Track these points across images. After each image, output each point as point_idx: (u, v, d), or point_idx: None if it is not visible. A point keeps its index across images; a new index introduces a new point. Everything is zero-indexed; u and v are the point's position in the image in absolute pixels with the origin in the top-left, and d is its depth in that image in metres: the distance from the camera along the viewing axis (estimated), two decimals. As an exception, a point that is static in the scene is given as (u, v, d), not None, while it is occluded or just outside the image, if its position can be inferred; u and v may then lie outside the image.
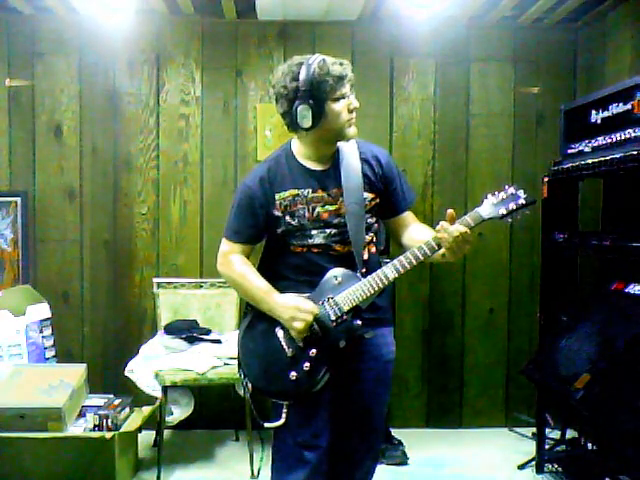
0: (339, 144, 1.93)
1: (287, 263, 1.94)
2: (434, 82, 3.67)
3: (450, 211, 1.77)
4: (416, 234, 1.94)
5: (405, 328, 3.63)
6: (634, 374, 2.37)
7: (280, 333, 1.89)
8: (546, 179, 3.09)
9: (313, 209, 1.89)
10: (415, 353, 3.69)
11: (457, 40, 3.65)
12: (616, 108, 2.66)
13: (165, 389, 3.00)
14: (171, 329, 3.27)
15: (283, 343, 1.88)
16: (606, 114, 2.73)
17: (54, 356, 3.31)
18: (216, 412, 3.61)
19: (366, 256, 1.93)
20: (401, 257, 1.82)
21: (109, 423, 2.79)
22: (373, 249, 1.98)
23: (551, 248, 3.09)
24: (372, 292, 1.84)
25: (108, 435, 2.69)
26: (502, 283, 3.70)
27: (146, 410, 3.05)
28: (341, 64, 1.82)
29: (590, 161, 2.75)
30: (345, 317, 1.85)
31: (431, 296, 3.70)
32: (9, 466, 2.66)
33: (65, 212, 3.61)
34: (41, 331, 3.25)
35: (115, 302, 3.65)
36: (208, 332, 3.30)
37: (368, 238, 1.95)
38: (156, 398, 3.04)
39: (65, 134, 3.59)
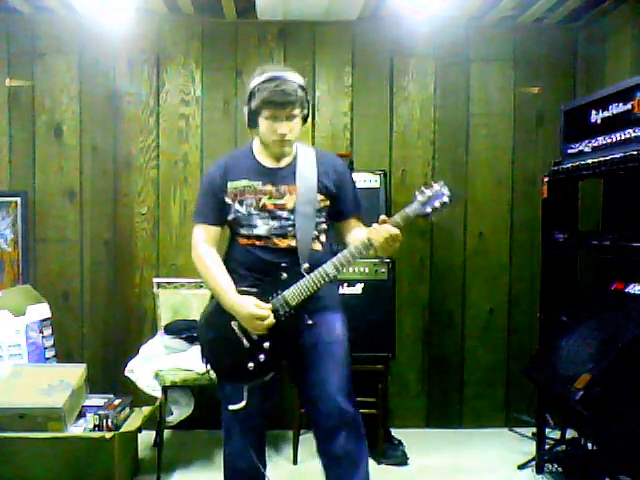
0: (298, 150, 2.14)
1: (235, 257, 2.12)
2: (434, 82, 3.67)
3: (382, 217, 1.95)
4: (357, 234, 2.12)
5: (405, 328, 3.63)
6: (634, 374, 2.38)
7: (236, 326, 2.03)
8: (546, 179, 3.08)
9: (259, 200, 2.07)
10: (415, 353, 3.69)
11: (457, 40, 3.65)
12: (616, 108, 2.66)
13: (165, 389, 3.00)
14: (171, 329, 3.27)
15: (239, 335, 2.04)
16: (606, 114, 2.73)
17: (54, 356, 3.31)
18: (216, 412, 3.58)
19: (310, 252, 2.06)
20: (339, 255, 2.02)
21: (109, 423, 2.79)
22: (318, 246, 2.11)
23: (551, 248, 3.09)
24: (316, 289, 2.01)
25: (108, 435, 2.69)
26: (502, 283, 3.70)
27: (146, 410, 3.04)
28: (283, 92, 2.00)
29: (590, 161, 2.75)
30: (292, 312, 2.02)
31: (431, 296, 3.70)
32: (9, 466, 2.66)
33: (65, 212, 3.61)
34: (41, 331, 3.25)
35: (115, 302, 3.65)
36: (208, 332, 3.30)
37: (314, 234, 2.09)
38: (156, 398, 3.04)
39: (65, 134, 3.59)
